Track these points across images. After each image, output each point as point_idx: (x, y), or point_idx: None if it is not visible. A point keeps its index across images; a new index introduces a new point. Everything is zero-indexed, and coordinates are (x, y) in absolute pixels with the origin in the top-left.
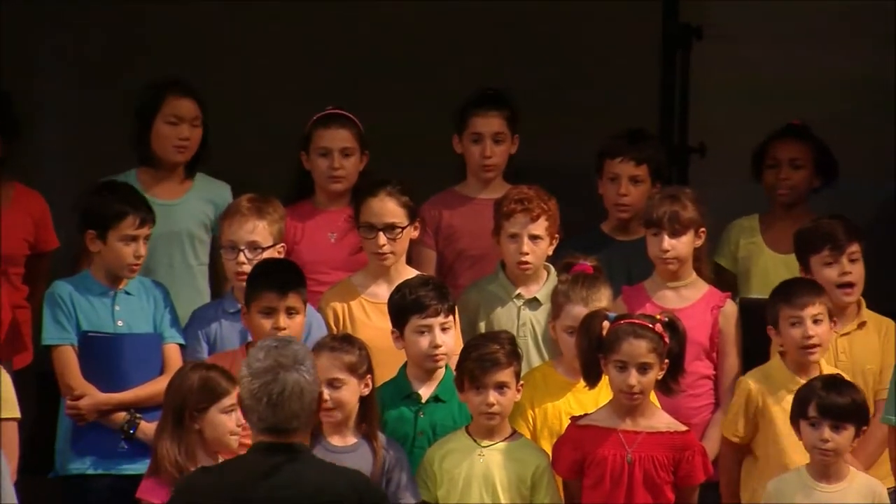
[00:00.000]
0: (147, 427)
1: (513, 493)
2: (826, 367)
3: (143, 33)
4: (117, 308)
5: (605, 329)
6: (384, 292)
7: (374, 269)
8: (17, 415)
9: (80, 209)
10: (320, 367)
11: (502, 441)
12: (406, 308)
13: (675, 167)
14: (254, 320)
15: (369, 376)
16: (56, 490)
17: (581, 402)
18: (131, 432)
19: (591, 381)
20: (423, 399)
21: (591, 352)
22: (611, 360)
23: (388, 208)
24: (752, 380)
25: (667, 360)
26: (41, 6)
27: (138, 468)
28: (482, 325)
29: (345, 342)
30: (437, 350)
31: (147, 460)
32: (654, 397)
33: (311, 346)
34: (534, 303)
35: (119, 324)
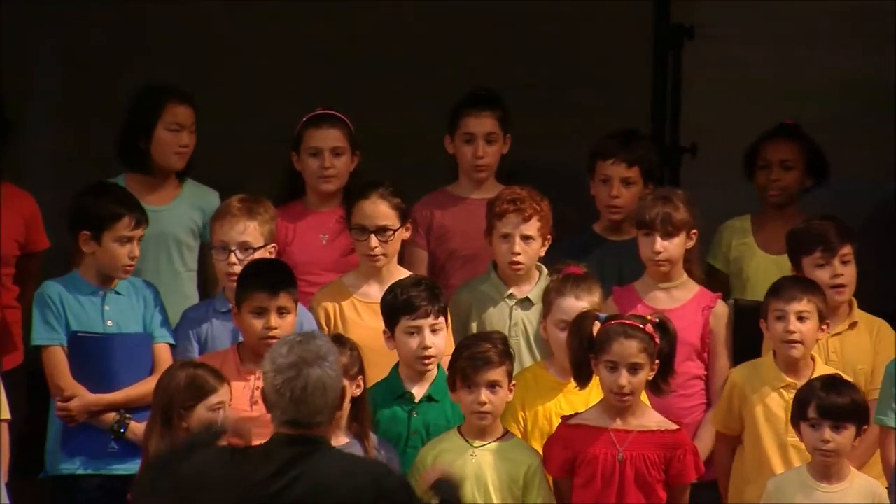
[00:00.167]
0: (137, 427)
1: (505, 493)
2: (821, 367)
3: (143, 33)
4: (107, 308)
5: (596, 329)
6: (376, 292)
7: (366, 270)
8: (6, 416)
9: (73, 210)
10: None
11: (494, 441)
12: (397, 308)
13: (667, 167)
14: (245, 320)
15: (361, 377)
16: (46, 490)
17: (572, 402)
18: (121, 432)
19: (582, 381)
20: (416, 399)
21: (582, 352)
22: (601, 361)
23: (381, 210)
24: (738, 372)
25: (657, 361)
26: (41, 6)
27: (129, 468)
28: (474, 326)
29: (336, 343)
30: (427, 351)
31: (137, 460)
32: (644, 397)
33: None
34: (526, 303)
35: (109, 324)
